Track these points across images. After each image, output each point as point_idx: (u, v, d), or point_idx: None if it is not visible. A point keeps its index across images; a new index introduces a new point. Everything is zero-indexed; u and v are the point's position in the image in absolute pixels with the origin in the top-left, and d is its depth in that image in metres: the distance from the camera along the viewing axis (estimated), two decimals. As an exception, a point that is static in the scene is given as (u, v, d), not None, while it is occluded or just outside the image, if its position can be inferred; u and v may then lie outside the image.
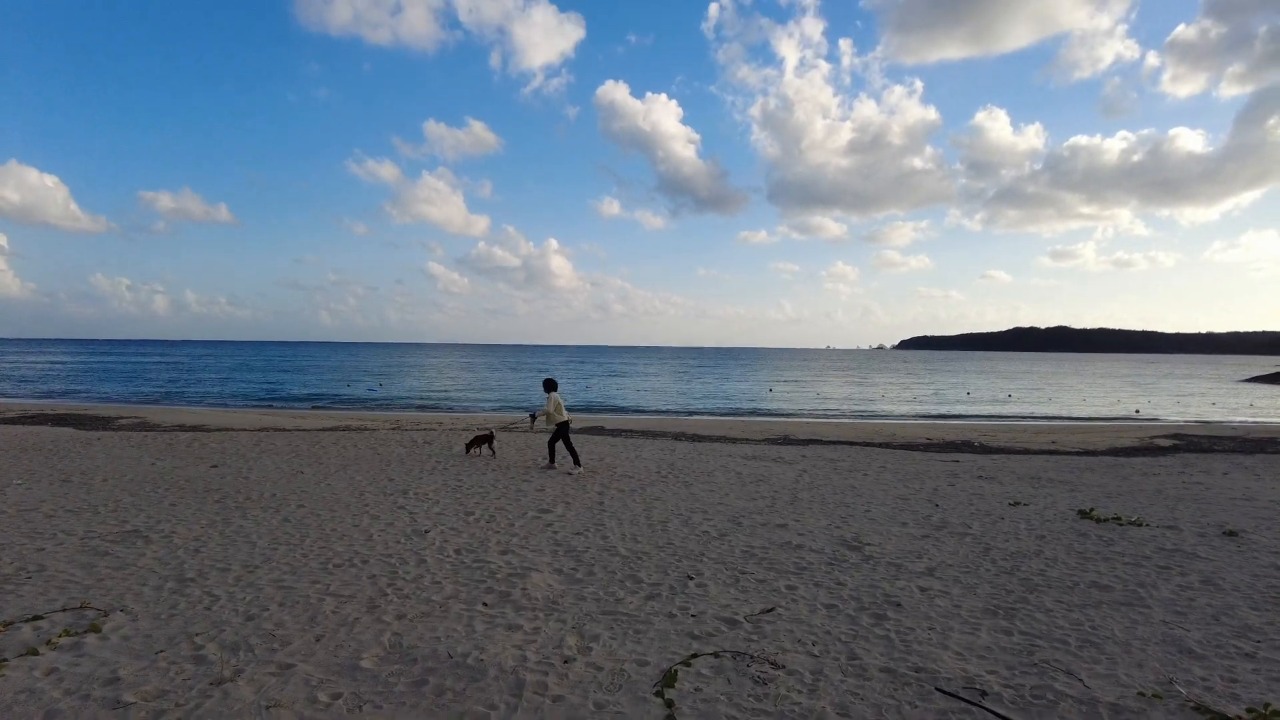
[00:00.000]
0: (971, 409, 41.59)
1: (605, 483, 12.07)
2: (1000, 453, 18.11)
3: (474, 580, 6.92)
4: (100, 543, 8.07)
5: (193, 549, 7.87)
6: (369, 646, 5.29)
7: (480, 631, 5.62)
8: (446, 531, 8.77)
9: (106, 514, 9.46)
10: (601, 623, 5.85)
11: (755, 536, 8.67)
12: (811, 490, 11.78)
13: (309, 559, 7.55)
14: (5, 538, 8.19)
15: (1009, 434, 24.06)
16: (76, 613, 5.90)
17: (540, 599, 6.42)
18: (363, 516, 9.51)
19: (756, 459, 15.33)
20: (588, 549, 8.06)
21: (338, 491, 11.13)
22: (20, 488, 11.05)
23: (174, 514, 9.51)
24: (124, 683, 4.64)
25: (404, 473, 12.94)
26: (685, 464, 14.33)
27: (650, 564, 7.51)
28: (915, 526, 9.40)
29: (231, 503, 10.23)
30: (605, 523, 9.29)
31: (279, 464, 13.78)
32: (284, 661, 5.00)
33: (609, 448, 16.88)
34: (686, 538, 8.58)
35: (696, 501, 10.68)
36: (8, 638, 5.33)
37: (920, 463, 15.47)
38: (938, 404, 45.76)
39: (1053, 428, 28.24)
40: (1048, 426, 29.23)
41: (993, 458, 16.80)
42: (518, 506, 10.23)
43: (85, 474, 12.34)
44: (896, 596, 6.56)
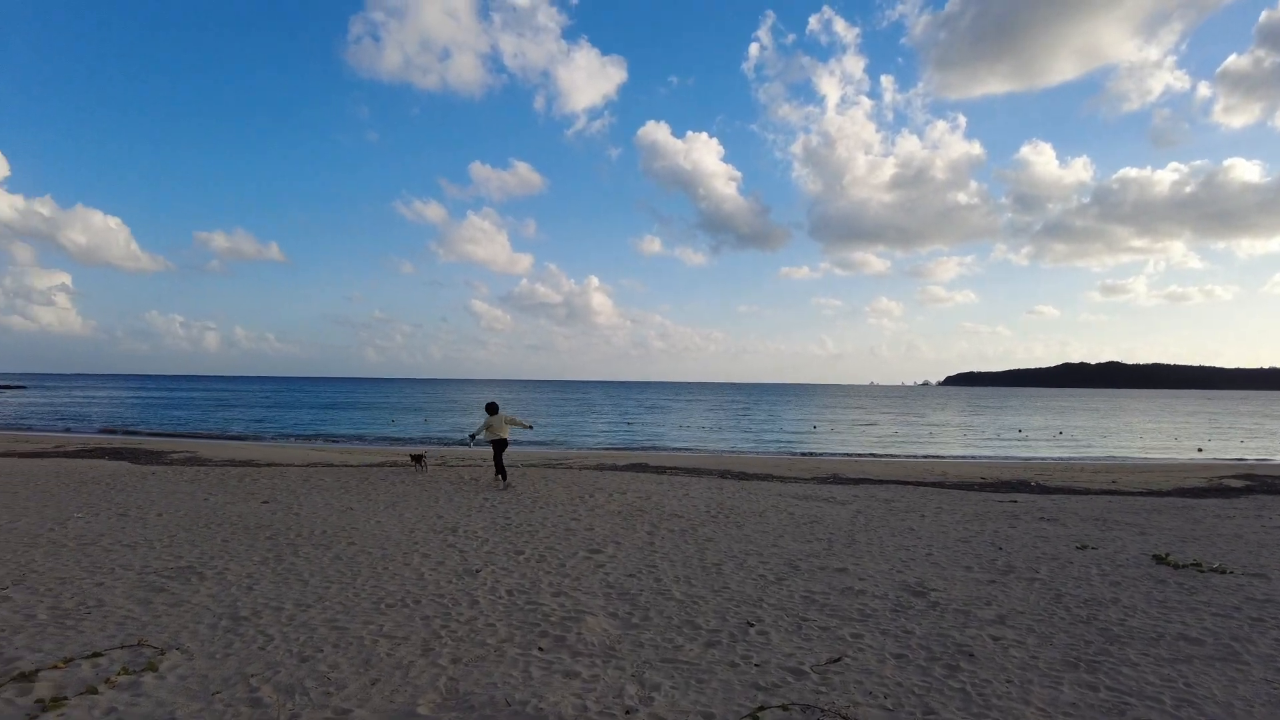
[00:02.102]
0: (1024, 447, 40.49)
1: (655, 522, 11.86)
2: (1059, 493, 17.49)
3: (528, 623, 6.76)
4: (156, 578, 8.10)
5: (245, 586, 7.85)
6: (425, 692, 5.16)
7: (537, 678, 5.45)
8: (498, 571, 8.64)
9: (162, 549, 9.51)
10: (661, 671, 5.64)
11: (814, 581, 8.39)
12: (868, 532, 11.43)
13: (361, 598, 7.47)
14: (67, 571, 8.26)
15: (1066, 473, 23.29)
16: (134, 650, 5.87)
17: (596, 644, 6.23)
18: (413, 555, 9.43)
19: (808, 499, 14.98)
20: (641, 592, 7.85)
21: (387, 529, 11.09)
22: (81, 520, 11.21)
23: (227, 550, 9.53)
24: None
25: (452, 510, 12.87)
26: (735, 503, 14.06)
27: (707, 609, 7.28)
28: (980, 571, 9.02)
29: (283, 539, 10.23)
30: (657, 564, 9.07)
31: (329, 500, 13.83)
32: (340, 707, 4.88)
33: (655, 485, 16.67)
34: (743, 582, 8.33)
35: (750, 543, 10.41)
36: (68, 675, 5.31)
37: (977, 503, 14.97)
38: (988, 442, 44.65)
39: (1111, 466, 27.30)
40: (1106, 465, 28.27)
41: (1052, 498, 16.21)
42: (567, 546, 10.07)
43: (141, 508, 12.50)
44: (968, 646, 6.24)
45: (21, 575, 8.09)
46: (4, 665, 5.50)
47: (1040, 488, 18.68)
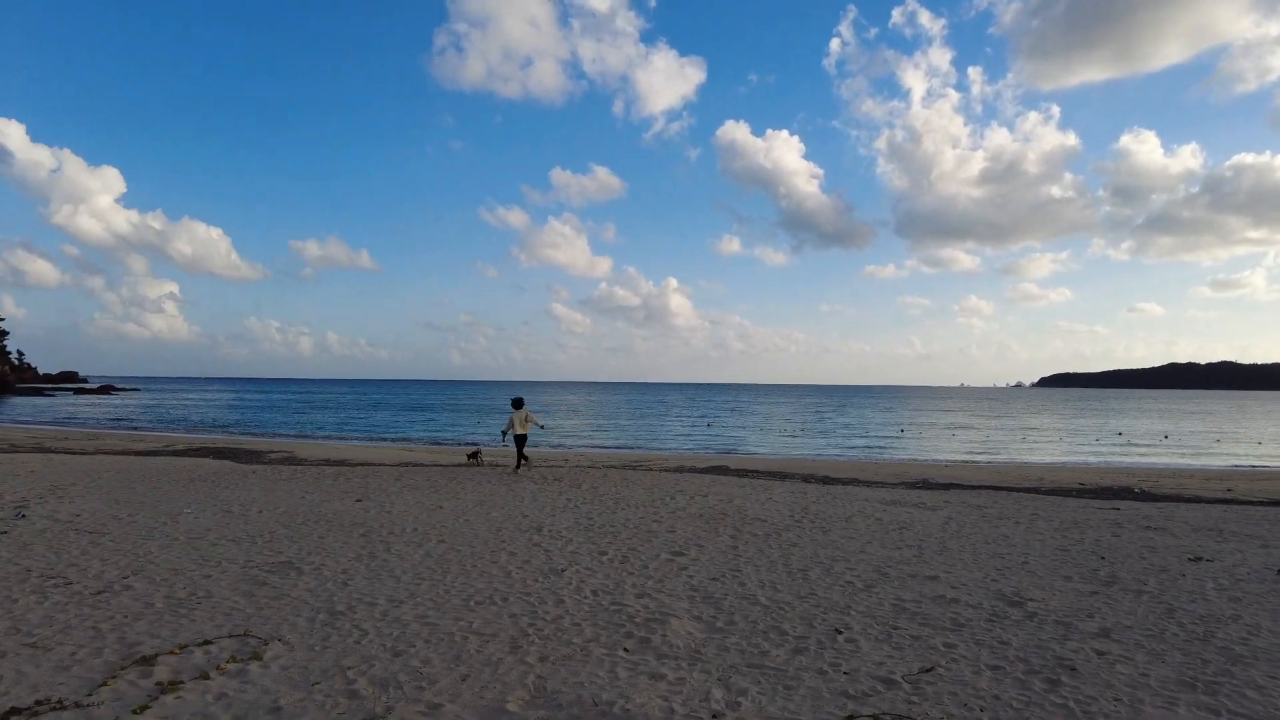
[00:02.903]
0: (1126, 451, 38.50)
1: (737, 526, 11.76)
2: (1167, 500, 16.54)
3: (613, 624, 6.80)
4: (258, 572, 8.48)
5: (341, 582, 8.14)
6: (514, 689, 5.24)
7: (624, 679, 5.47)
8: (582, 571, 8.72)
9: (263, 544, 9.96)
10: (748, 676, 5.58)
11: (905, 589, 8.16)
12: (960, 539, 11.05)
13: (451, 595, 7.65)
14: (179, 563, 8.74)
15: (1174, 480, 22.02)
16: (240, 639, 6.16)
17: (682, 647, 6.21)
18: (500, 553, 9.61)
19: (896, 504, 14.61)
20: (726, 596, 7.79)
21: (475, 527, 11.34)
22: (190, 516, 11.85)
23: (323, 546, 9.90)
24: (285, 712, 4.75)
25: (537, 509, 13.07)
26: (820, 508, 13.82)
27: (794, 615, 7.17)
28: (1081, 581, 8.61)
29: (376, 537, 10.58)
30: (741, 569, 8.99)
31: (419, 499, 14.24)
32: (432, 701, 5.00)
33: (737, 489, 16.54)
34: (830, 588, 8.17)
35: (836, 549, 10.21)
36: (183, 660, 5.62)
37: (1076, 510, 14.31)
38: (1087, 446, 42.61)
39: (1227, 473, 25.66)
40: (1219, 471, 26.60)
41: (1159, 506, 15.34)
42: (650, 548, 10.09)
43: (243, 505, 13.12)
44: (1070, 660, 5.95)
45: (140, 566, 8.60)
46: (127, 649, 5.86)
47: (1145, 495, 17.71)
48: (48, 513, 11.82)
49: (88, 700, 4.88)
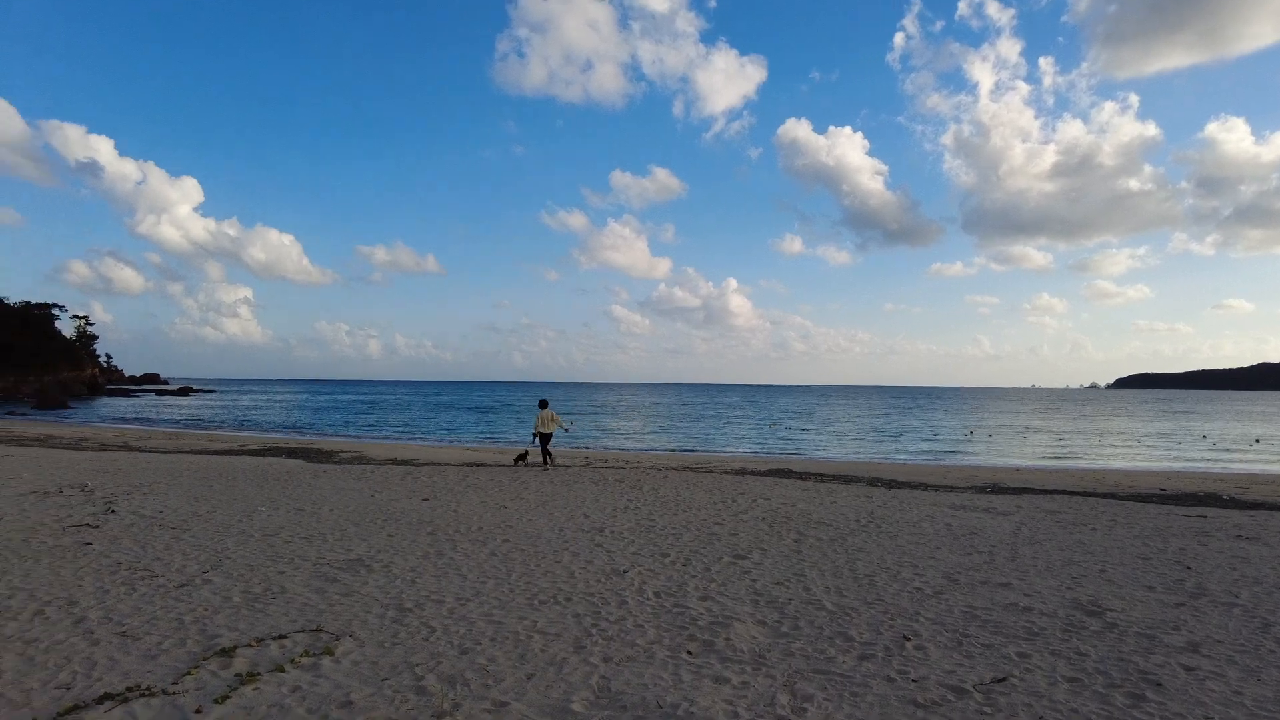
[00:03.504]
0: (1213, 456, 36.75)
1: (801, 530, 11.61)
2: (1259, 508, 15.71)
3: (675, 626, 6.77)
4: (330, 569, 8.71)
5: (409, 579, 8.31)
6: (578, 689, 5.26)
7: (687, 681, 5.44)
8: (644, 573, 8.72)
9: (334, 542, 10.23)
10: (814, 682, 5.49)
11: (975, 596, 7.93)
12: (1033, 545, 10.70)
13: (516, 594, 7.74)
14: (254, 559, 9.05)
15: (1267, 486, 20.92)
16: (313, 634, 6.33)
17: (745, 651, 6.15)
18: (563, 553, 9.68)
19: (965, 509, 14.22)
20: (790, 600, 7.69)
21: (538, 527, 11.45)
22: (264, 514, 12.25)
23: (392, 544, 10.12)
24: (356, 707, 4.87)
25: (598, 510, 13.13)
26: (886, 512, 13.55)
27: (860, 621, 7.03)
28: (1165, 592, 8.24)
29: (442, 535, 10.77)
30: (806, 573, 8.87)
31: (483, 498, 14.45)
32: (498, 699, 5.06)
33: (800, 491, 16.34)
34: (897, 594, 7.99)
35: (904, 554, 9.99)
36: (260, 653, 5.81)
37: (1157, 517, 13.71)
38: (1169, 449, 40.82)
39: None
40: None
41: (1251, 514, 14.58)
42: (712, 550, 10.03)
43: (315, 503, 13.50)
44: (1155, 674, 5.70)
45: (218, 561, 8.92)
46: (208, 641, 6.08)
47: (1235, 502, 16.87)
48: (134, 508, 12.37)
49: (174, 688, 5.08)
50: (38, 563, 8.63)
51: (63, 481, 15.49)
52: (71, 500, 13.09)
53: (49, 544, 9.60)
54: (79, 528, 10.62)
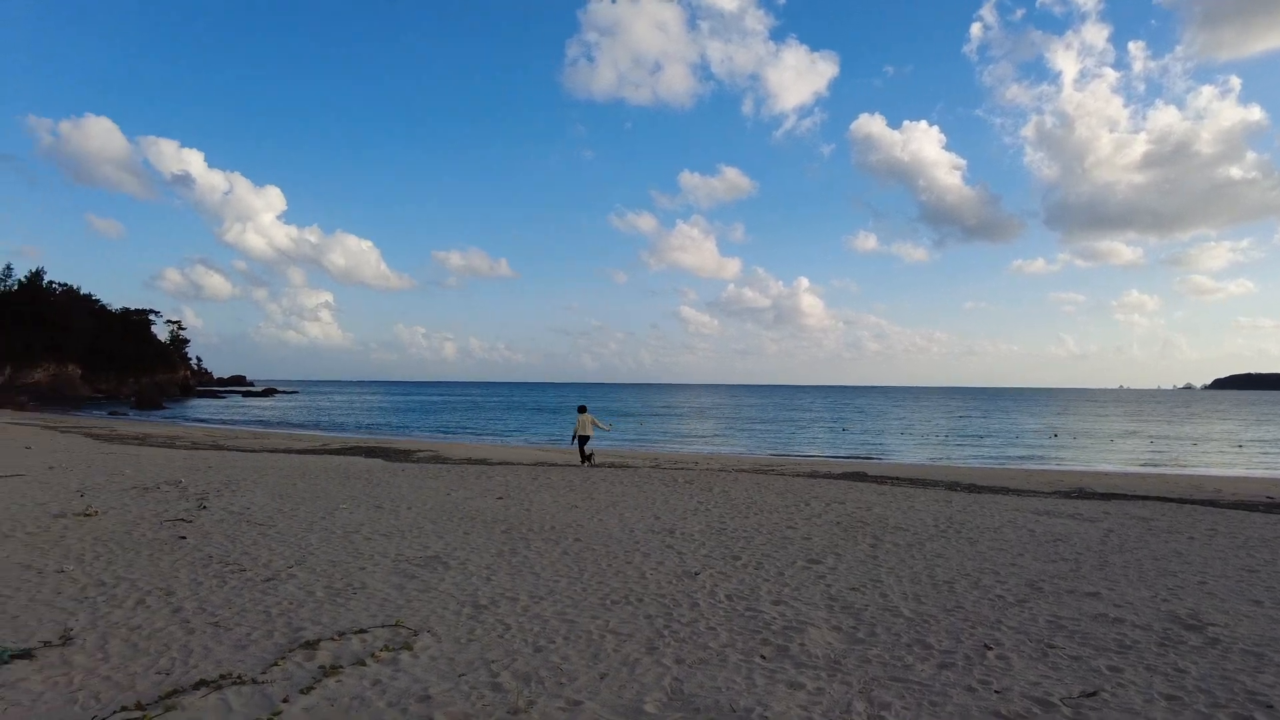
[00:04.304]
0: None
1: (877, 535, 11.37)
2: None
3: (748, 630, 6.71)
4: (408, 566, 8.93)
5: (485, 577, 8.45)
6: (651, 690, 5.26)
7: (761, 686, 5.38)
8: (716, 575, 8.66)
9: (412, 539, 10.48)
10: (891, 690, 5.36)
11: (1061, 605, 7.62)
12: (1123, 554, 10.23)
13: (588, 593, 7.79)
14: (336, 555, 9.34)
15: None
16: (393, 630, 6.50)
17: (820, 656, 6.05)
18: (634, 554, 9.71)
19: (1049, 514, 13.69)
20: (866, 606, 7.54)
21: (609, 527, 11.51)
22: (345, 512, 12.64)
23: (467, 542, 10.32)
24: (434, 701, 4.97)
25: (668, 512, 13.12)
26: (965, 517, 13.15)
27: (939, 628, 6.84)
28: (1274, 607, 7.75)
29: (516, 534, 10.92)
30: (883, 579, 8.67)
31: (555, 497, 14.61)
32: (572, 698, 5.10)
33: (875, 496, 16.00)
34: (978, 601, 7.75)
35: (985, 561, 9.68)
36: (342, 647, 5.99)
37: (1264, 527, 12.93)
38: (1276, 455, 38.50)
39: None
40: None
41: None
42: (785, 554, 9.90)
43: (393, 501, 13.87)
44: (1264, 696, 5.36)
45: (302, 557, 9.24)
46: (293, 633, 6.31)
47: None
48: (223, 505, 12.92)
49: (263, 678, 5.29)
50: (138, 554, 9.10)
51: (159, 478, 16.29)
52: (167, 496, 13.76)
53: (148, 537, 10.10)
54: (174, 522, 11.15)
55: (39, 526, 10.61)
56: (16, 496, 13.26)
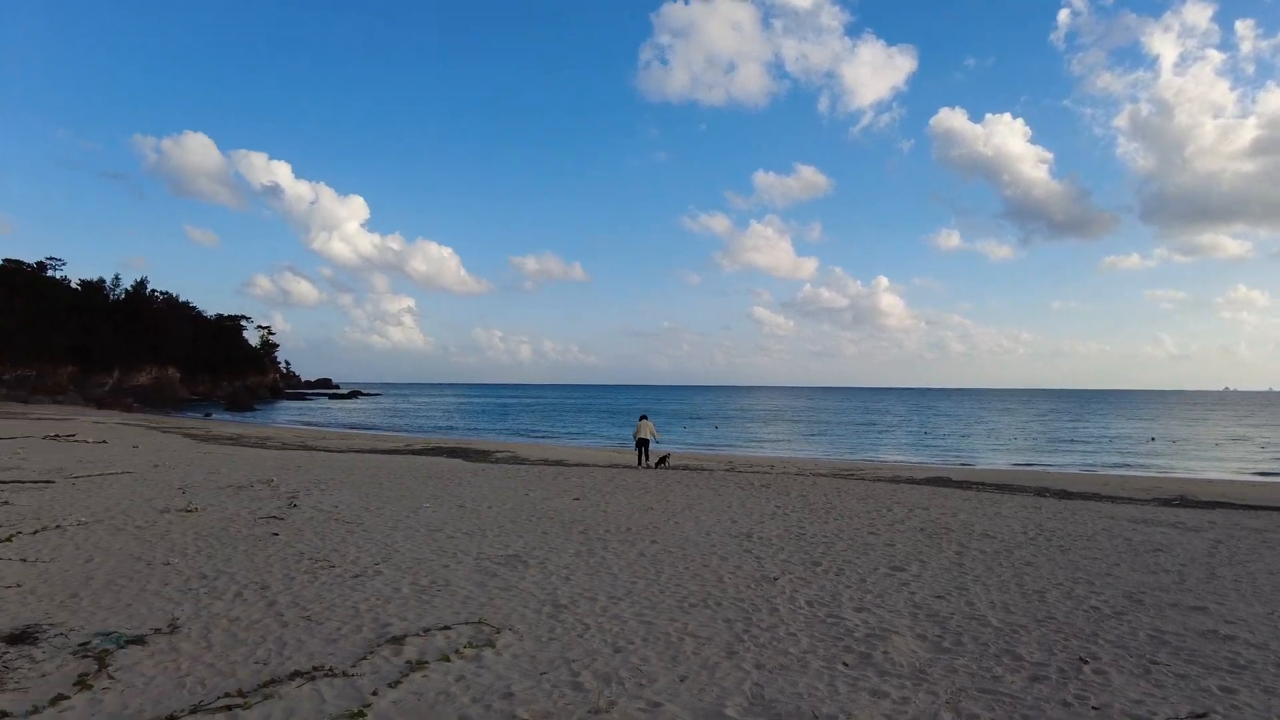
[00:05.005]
0: None
1: (963, 542, 11.03)
2: None
3: (830, 636, 6.59)
4: (489, 564, 9.09)
5: (564, 576, 8.54)
6: (731, 694, 5.22)
7: (844, 694, 5.28)
8: (795, 581, 8.54)
9: (493, 538, 10.67)
10: (980, 701, 5.18)
11: (1164, 619, 7.24)
12: (1233, 566, 9.65)
13: (666, 596, 7.78)
14: (421, 554, 9.58)
15: None
16: (476, 627, 6.62)
17: (905, 665, 5.90)
18: (711, 557, 9.66)
19: (1148, 523, 13.04)
20: (952, 615, 7.31)
21: (685, 530, 11.48)
22: (429, 510, 12.96)
23: (546, 542, 10.44)
24: (517, 699, 5.04)
25: (745, 515, 13.01)
26: (1056, 525, 12.63)
27: (1030, 639, 6.58)
28: (1402, 626, 7.20)
29: (593, 535, 11.01)
30: (969, 587, 8.40)
31: (631, 499, 14.66)
32: (652, 699, 5.10)
33: (961, 501, 15.53)
34: (1071, 613, 7.42)
35: (1078, 571, 9.27)
36: (428, 643, 6.14)
37: (1388, 540, 12.02)
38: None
39: None
40: None
41: None
42: (866, 561, 9.70)
43: (474, 501, 14.15)
44: (1393, 720, 4.98)
45: (388, 554, 9.51)
46: (380, 628, 6.50)
47: None
48: (313, 503, 13.41)
49: (352, 671, 5.46)
50: (236, 549, 9.52)
51: (253, 477, 17.03)
52: (260, 494, 14.36)
53: (243, 533, 10.57)
54: (267, 519, 11.62)
55: (146, 521, 11.22)
56: (127, 493, 14.06)
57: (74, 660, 5.61)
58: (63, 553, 9.13)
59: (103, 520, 11.19)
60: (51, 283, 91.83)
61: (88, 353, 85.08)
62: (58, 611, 6.84)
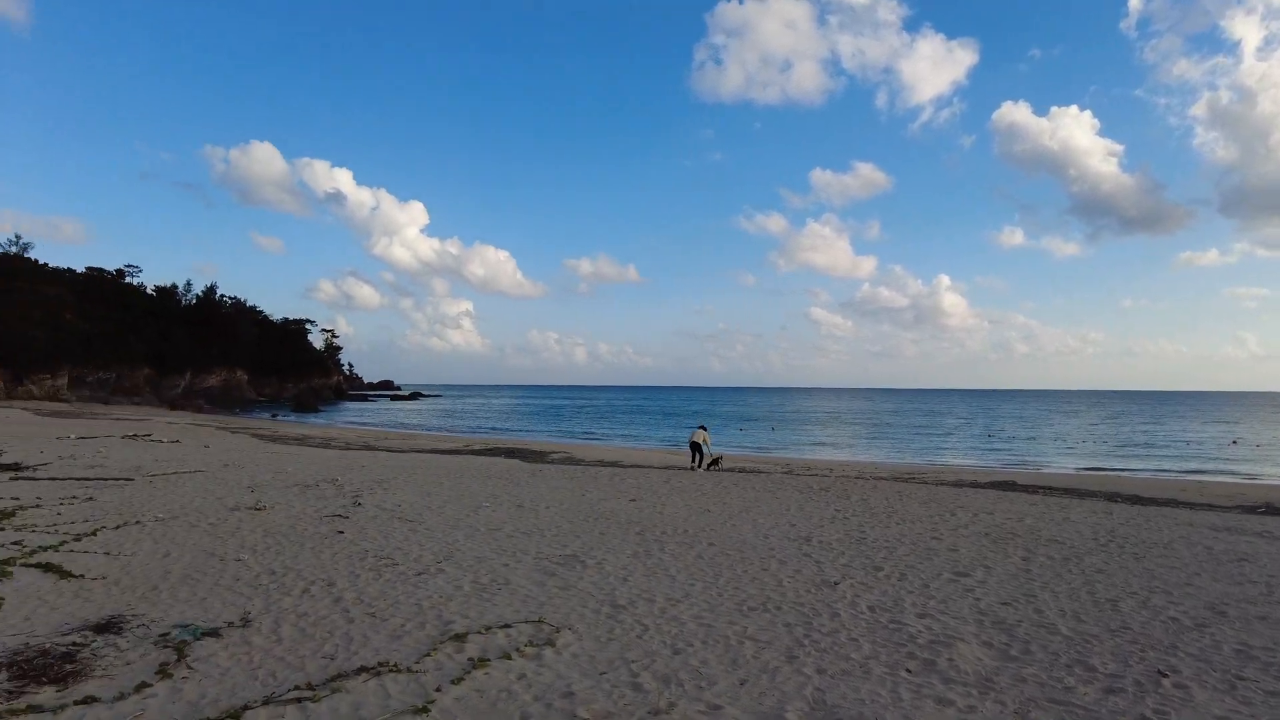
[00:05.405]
0: None
1: (1029, 548, 10.71)
2: None
3: (892, 642, 6.47)
4: (548, 564, 9.16)
5: (621, 577, 8.55)
6: (792, 699, 5.16)
7: (908, 701, 5.17)
8: (856, 586, 8.40)
9: (551, 538, 10.75)
10: (1050, 712, 5.03)
11: (1250, 632, 6.91)
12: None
13: (724, 599, 7.74)
14: (481, 553, 9.71)
15: None
16: (536, 625, 6.69)
17: (971, 673, 5.75)
18: (770, 561, 9.57)
19: (1230, 531, 12.47)
20: (1020, 622, 7.11)
21: (743, 533, 11.40)
22: (488, 510, 13.13)
23: (603, 543, 10.48)
24: (578, 698, 5.07)
25: (804, 519, 12.86)
26: (1129, 531, 12.18)
27: (1103, 650, 6.36)
28: None
29: (650, 536, 11.01)
30: (1037, 594, 8.15)
31: (687, 501, 14.63)
32: (712, 702, 5.07)
33: (1027, 506, 15.09)
34: (1147, 623, 7.14)
35: (1154, 579, 8.92)
36: (489, 641, 6.22)
37: None
38: None
39: None
40: None
41: None
42: (929, 566, 9.49)
43: (532, 501, 14.29)
44: None
45: (449, 553, 9.67)
46: (443, 626, 6.60)
47: None
48: (376, 502, 13.71)
49: (416, 667, 5.56)
50: (303, 547, 9.78)
51: (318, 476, 17.49)
52: (325, 493, 14.74)
53: (310, 531, 10.85)
54: (333, 518, 11.92)
55: (218, 518, 11.61)
56: (200, 491, 14.58)
57: (155, 650, 5.84)
58: (142, 547, 9.51)
59: (178, 516, 11.62)
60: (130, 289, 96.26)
61: (162, 357, 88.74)
62: (139, 603, 7.14)
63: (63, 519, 11.11)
